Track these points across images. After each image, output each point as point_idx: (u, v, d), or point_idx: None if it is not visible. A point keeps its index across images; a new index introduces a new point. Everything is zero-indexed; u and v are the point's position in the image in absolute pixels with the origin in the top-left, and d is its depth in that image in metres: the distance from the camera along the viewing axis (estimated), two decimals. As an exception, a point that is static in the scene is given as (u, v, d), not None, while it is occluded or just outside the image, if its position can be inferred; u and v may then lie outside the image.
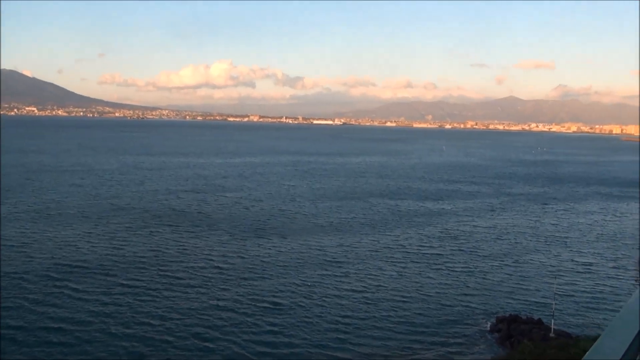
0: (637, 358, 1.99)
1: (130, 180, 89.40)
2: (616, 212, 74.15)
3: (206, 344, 29.08)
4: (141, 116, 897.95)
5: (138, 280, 38.66)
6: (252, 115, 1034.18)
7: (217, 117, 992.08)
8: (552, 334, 31.31)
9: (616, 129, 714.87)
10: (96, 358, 27.14)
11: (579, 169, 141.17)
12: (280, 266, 43.54)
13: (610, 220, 67.75)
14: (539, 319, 34.07)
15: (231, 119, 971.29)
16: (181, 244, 49.48)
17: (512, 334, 31.93)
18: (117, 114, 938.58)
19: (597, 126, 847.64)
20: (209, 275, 40.63)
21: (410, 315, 34.47)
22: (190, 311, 33.30)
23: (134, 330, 30.21)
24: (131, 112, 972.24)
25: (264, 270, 42.44)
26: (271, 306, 34.92)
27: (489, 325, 33.73)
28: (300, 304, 35.54)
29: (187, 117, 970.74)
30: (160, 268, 41.63)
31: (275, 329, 31.39)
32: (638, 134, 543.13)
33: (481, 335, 32.62)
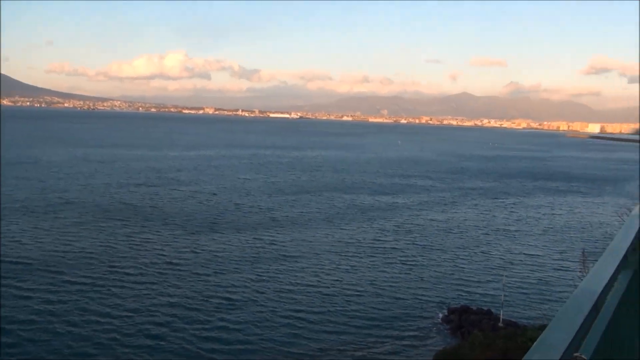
0: (580, 348, 2.07)
1: (80, 173, 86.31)
2: (562, 206, 76.99)
3: (157, 342, 28.36)
4: (92, 107, 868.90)
5: (86, 277, 37.33)
6: (207, 107, 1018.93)
7: (172, 109, 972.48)
8: (500, 324, 32.31)
9: (563, 126, 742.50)
10: (39, 359, 26.05)
11: (527, 164, 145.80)
12: (235, 261, 43.02)
13: (556, 214, 70.27)
14: (489, 310, 35.05)
15: (186, 111, 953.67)
16: (132, 239, 48.14)
17: (463, 324, 32.76)
18: (66, 105, 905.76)
19: (545, 123, 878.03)
20: (161, 271, 39.69)
21: (364, 309, 34.72)
22: (141, 308, 32.42)
23: (81, 329, 29.14)
24: (81, 102, 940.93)
25: (217, 265, 41.82)
26: (224, 302, 34.43)
27: (441, 317, 34.44)
28: (254, 299, 35.20)
29: (140, 108, 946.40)
30: (110, 264, 40.37)
31: (229, 325, 30.96)
32: (583, 131, 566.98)
33: (434, 326, 33.23)
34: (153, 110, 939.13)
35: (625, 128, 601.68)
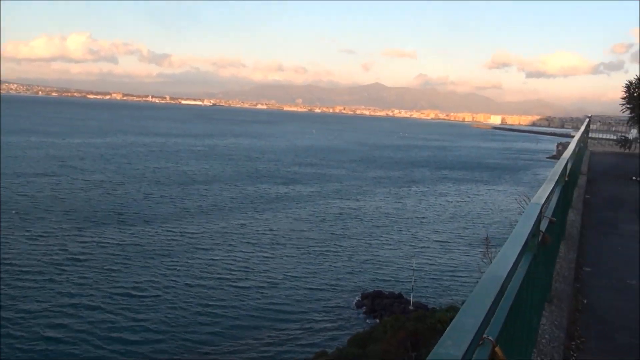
0: (487, 329, 2.24)
1: (-33, 162, 78.70)
2: (467, 193, 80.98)
3: (59, 346, 26.41)
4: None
5: (-26, 276, 34.06)
6: (114, 92, 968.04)
7: (76, 94, 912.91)
8: (411, 307, 33.71)
9: (468, 117, 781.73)
10: None
11: (435, 153, 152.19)
12: (143, 255, 41.11)
13: (462, 201, 73.80)
14: (400, 294, 36.32)
15: (91, 96, 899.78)
16: (31, 232, 44.59)
17: (376, 308, 33.92)
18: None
19: (452, 114, 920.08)
20: (63, 267, 37.08)
21: (278, 300, 34.53)
22: (39, 309, 30.06)
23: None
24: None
25: (124, 259, 39.75)
26: (132, 299, 32.77)
27: (355, 303, 35.18)
28: (164, 294, 33.83)
29: (40, 92, 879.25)
30: (3, 262, 37.09)
31: (138, 324, 29.48)
32: (486, 122, 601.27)
33: (348, 312, 33.86)
34: (54, 94, 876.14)
35: (523, 120, 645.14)
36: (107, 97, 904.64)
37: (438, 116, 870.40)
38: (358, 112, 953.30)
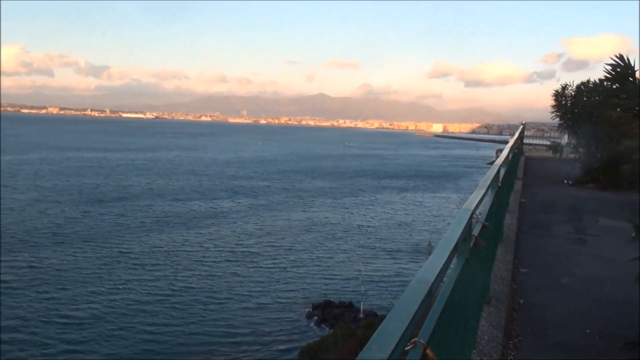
0: (419, 333, 2.34)
1: None
2: (412, 201, 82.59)
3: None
4: None
5: None
6: (51, 107, 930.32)
7: (9, 109, 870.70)
8: (361, 315, 33.92)
9: (411, 126, 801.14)
10: None
11: (380, 162, 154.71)
12: (82, 276, 39.38)
13: (407, 209, 75.17)
14: (350, 303, 36.51)
15: (25, 110, 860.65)
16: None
17: (327, 318, 34.00)
18: None
19: (395, 122, 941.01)
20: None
21: (227, 317, 33.89)
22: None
23: None
24: None
25: (60, 280, 37.97)
26: (68, 321, 31.28)
27: (305, 314, 35.04)
28: (103, 315, 32.51)
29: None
30: None
31: (73, 347, 28.17)
32: (429, 130, 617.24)
33: (299, 324, 33.65)
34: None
35: (464, 128, 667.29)
36: (43, 111, 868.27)
37: (382, 125, 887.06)
38: (303, 122, 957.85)
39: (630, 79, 5.75)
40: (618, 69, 5.82)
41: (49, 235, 50.31)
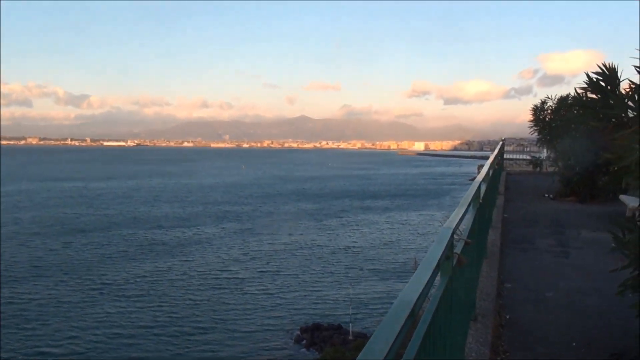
0: (404, 354, 2.39)
1: None
2: (398, 220, 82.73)
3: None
4: None
5: None
6: (30, 137, 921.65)
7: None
8: (350, 337, 33.61)
9: (393, 145, 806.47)
10: None
11: (364, 182, 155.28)
12: (62, 307, 38.59)
13: (392, 229, 75.24)
14: (339, 325, 36.18)
15: (4, 142, 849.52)
16: None
17: (316, 341, 33.62)
18: None
19: (377, 142, 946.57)
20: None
21: (214, 346, 33.31)
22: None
23: None
24: None
25: (41, 314, 37.12)
26: (49, 358, 30.53)
27: (293, 338, 34.61)
28: (85, 350, 31.79)
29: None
30: None
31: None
32: (411, 149, 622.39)
33: (287, 349, 33.19)
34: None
35: (445, 145, 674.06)
36: (22, 142, 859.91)
37: (365, 145, 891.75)
38: (286, 145, 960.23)
39: (610, 87, 5.88)
40: (599, 79, 5.95)
41: (28, 268, 49.24)
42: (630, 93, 5.68)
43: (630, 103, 5.62)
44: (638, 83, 5.47)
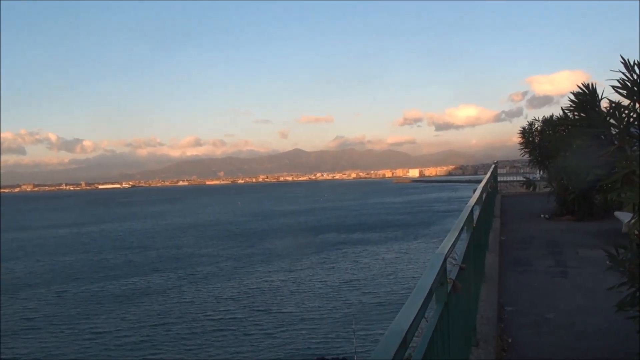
0: None
1: None
2: (398, 250, 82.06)
3: None
4: None
5: None
6: (25, 184, 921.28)
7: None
8: (357, 366, 32.92)
9: (388, 173, 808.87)
10: None
11: (362, 212, 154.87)
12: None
13: (393, 258, 74.55)
14: (344, 357, 35.38)
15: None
16: None
17: (321, 375, 32.76)
18: None
19: (372, 171, 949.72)
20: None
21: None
22: None
23: None
24: None
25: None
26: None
27: (297, 372, 33.95)
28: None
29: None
30: None
31: None
32: (405, 176, 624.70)
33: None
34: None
35: (439, 171, 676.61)
36: (17, 189, 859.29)
37: (359, 175, 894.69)
38: (281, 178, 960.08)
39: (590, 107, 5.99)
40: (582, 99, 6.07)
41: (19, 321, 48.37)
42: (610, 111, 5.79)
43: (612, 120, 5.73)
44: (617, 101, 5.59)
